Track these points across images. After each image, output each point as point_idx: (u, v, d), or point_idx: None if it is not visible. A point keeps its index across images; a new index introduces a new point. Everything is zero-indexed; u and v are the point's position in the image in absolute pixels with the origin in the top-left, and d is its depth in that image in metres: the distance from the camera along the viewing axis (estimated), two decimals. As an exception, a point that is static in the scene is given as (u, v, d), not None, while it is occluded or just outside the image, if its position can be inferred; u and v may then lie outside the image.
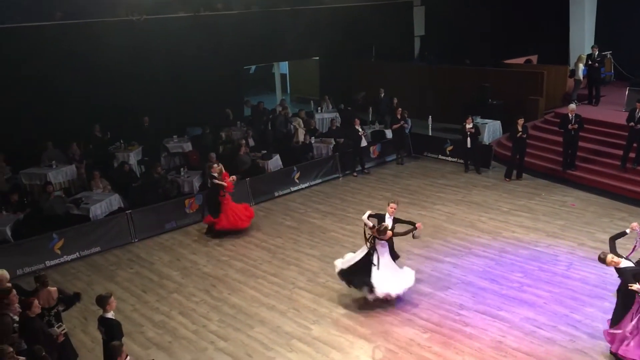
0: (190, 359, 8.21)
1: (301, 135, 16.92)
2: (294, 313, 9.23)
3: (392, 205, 9.53)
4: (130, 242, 12.28)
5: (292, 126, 17.69)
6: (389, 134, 17.70)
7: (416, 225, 9.20)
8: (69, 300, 7.94)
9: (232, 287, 10.23)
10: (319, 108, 20.33)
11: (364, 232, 9.32)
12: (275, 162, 15.59)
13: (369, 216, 9.30)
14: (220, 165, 12.41)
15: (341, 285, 9.98)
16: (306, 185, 15.43)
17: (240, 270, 10.84)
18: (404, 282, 9.22)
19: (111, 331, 6.66)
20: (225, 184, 12.14)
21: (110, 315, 6.90)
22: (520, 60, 20.56)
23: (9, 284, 7.79)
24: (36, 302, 6.96)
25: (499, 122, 17.92)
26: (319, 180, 15.70)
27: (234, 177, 12.55)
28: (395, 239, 9.62)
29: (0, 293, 7.26)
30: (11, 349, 6.07)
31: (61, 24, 15.45)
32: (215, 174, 12.20)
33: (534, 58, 21.03)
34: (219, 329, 8.87)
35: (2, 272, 7.96)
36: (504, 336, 8.27)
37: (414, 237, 9.21)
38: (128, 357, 6.32)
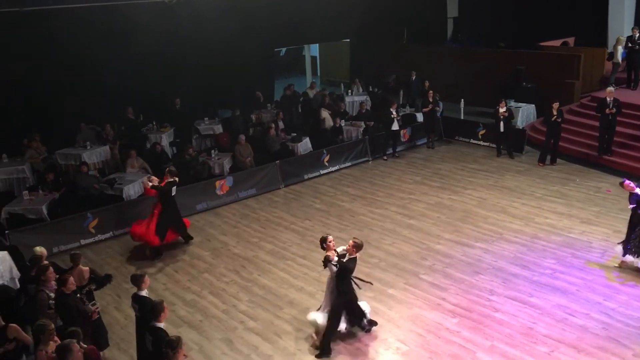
0: (220, 337, 8.33)
1: (329, 121, 16.78)
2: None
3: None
4: (162, 222, 12.46)
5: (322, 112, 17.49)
6: (420, 117, 17.52)
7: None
8: (101, 280, 8.15)
9: (262, 268, 10.32)
10: (349, 91, 20.22)
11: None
12: (305, 145, 15.60)
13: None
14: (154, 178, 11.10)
15: (369, 269, 10.00)
16: (336, 168, 15.41)
17: (269, 252, 10.92)
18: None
19: (145, 308, 6.80)
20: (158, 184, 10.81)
21: (144, 293, 7.04)
22: (557, 43, 20.05)
23: (46, 262, 8.03)
24: (71, 279, 7.14)
25: (533, 105, 17.58)
26: (349, 164, 15.66)
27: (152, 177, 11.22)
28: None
29: (38, 270, 7.48)
30: (52, 326, 6.23)
31: (96, 6, 15.59)
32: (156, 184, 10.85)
33: (571, 40, 20.48)
34: (249, 309, 8.97)
35: (41, 249, 8.21)
36: (534, 323, 8.18)
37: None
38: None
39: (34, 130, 14.43)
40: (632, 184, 9.34)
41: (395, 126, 15.94)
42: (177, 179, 11.06)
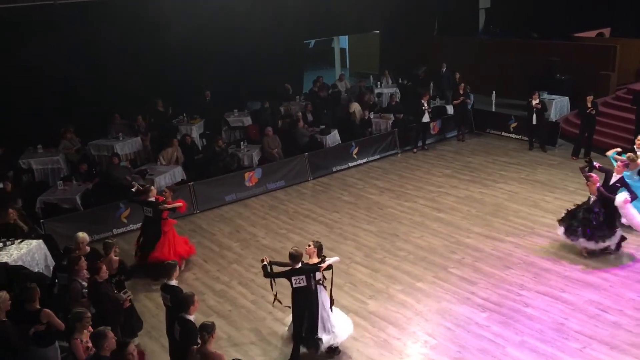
0: (249, 327, 8.41)
1: (359, 113, 16.67)
2: (351, 287, 9.28)
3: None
4: (192, 213, 12.60)
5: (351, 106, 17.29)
6: (450, 109, 17.32)
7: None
8: (129, 272, 8.29)
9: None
10: (379, 83, 20.09)
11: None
12: (333, 137, 15.57)
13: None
14: (154, 189, 10.39)
15: (398, 262, 9.97)
16: (364, 160, 15.35)
17: (298, 244, 10.88)
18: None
19: (175, 298, 6.89)
20: (179, 204, 10.19)
21: (173, 282, 7.14)
22: (592, 34, 19.60)
23: (88, 247, 8.23)
24: (104, 267, 7.28)
25: (566, 98, 17.23)
26: (377, 156, 15.59)
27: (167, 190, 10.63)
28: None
29: (71, 260, 7.64)
30: (89, 315, 6.37)
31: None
32: (152, 199, 10.06)
33: (607, 31, 19.99)
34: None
35: (83, 235, 8.38)
36: (566, 318, 8.05)
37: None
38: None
39: (68, 122, 14.70)
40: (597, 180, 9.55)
41: (425, 118, 15.79)
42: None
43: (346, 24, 20.82)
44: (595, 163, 10.02)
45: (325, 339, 7.36)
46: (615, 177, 9.75)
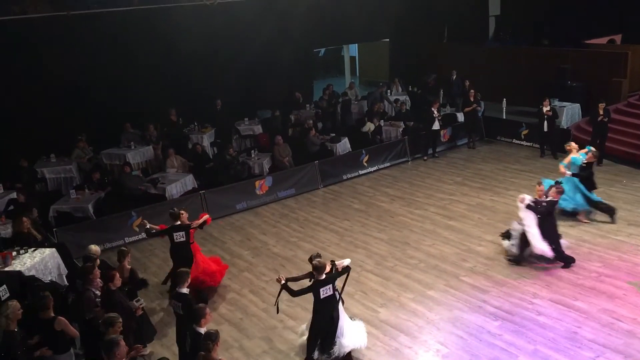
0: (260, 335, 8.42)
1: (371, 129, 16.57)
2: (362, 295, 9.26)
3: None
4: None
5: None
6: (460, 117, 17.30)
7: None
8: (139, 282, 8.33)
9: (301, 267, 10.33)
10: (389, 91, 20.12)
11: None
12: (343, 145, 15.60)
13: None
14: (185, 213, 9.56)
15: (409, 270, 9.95)
16: (375, 168, 15.36)
17: (308, 252, 10.89)
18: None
19: (187, 306, 6.91)
20: (204, 217, 9.73)
21: (184, 290, 7.17)
22: (603, 41, 19.53)
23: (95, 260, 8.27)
24: (117, 275, 7.33)
25: (578, 105, 17.14)
26: (388, 164, 15.59)
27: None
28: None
29: (85, 270, 7.70)
30: (120, 320, 6.42)
31: (138, 9, 15.96)
32: (179, 222, 9.31)
33: (618, 37, 19.92)
34: (288, 308, 9.01)
35: (95, 248, 8.44)
36: (579, 327, 7.98)
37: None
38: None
39: (80, 131, 14.84)
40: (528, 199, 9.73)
41: (436, 126, 15.79)
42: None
43: (356, 32, 20.92)
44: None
45: (343, 343, 7.38)
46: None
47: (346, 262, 7.56)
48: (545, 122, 14.95)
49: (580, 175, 11.23)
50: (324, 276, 7.25)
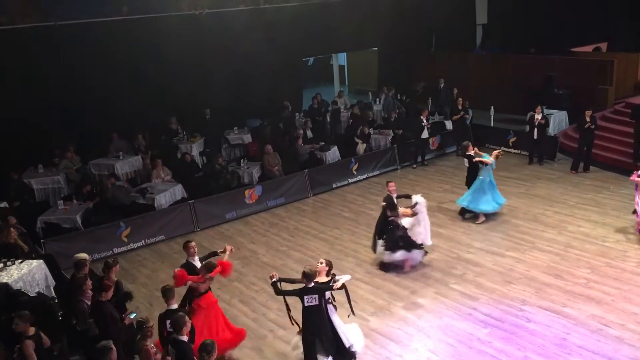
0: (250, 345, 8.37)
1: (361, 149, 16.29)
2: (352, 304, 9.22)
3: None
4: (192, 230, 12.62)
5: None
6: (449, 125, 17.39)
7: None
8: (124, 294, 8.22)
9: (291, 276, 10.31)
10: (377, 99, 20.20)
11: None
12: (333, 154, 15.62)
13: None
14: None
15: (399, 278, 9.95)
16: (364, 177, 15.39)
17: (298, 260, 10.94)
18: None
19: (177, 324, 6.77)
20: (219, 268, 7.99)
21: (174, 306, 7.09)
22: (589, 48, 19.75)
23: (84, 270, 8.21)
24: (112, 288, 7.28)
25: (565, 112, 17.29)
26: (377, 172, 15.63)
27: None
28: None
29: (77, 281, 7.64)
30: (151, 323, 6.56)
31: (128, 19, 15.93)
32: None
33: (603, 45, 20.15)
34: (278, 317, 8.99)
35: (84, 255, 8.37)
36: (568, 333, 8.02)
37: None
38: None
39: (68, 142, 14.75)
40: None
41: (425, 134, 15.87)
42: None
43: (344, 41, 21.00)
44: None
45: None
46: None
47: (345, 278, 7.45)
48: (536, 129, 15.05)
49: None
50: (312, 284, 7.21)
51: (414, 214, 10.23)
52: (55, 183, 13.81)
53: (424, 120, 15.78)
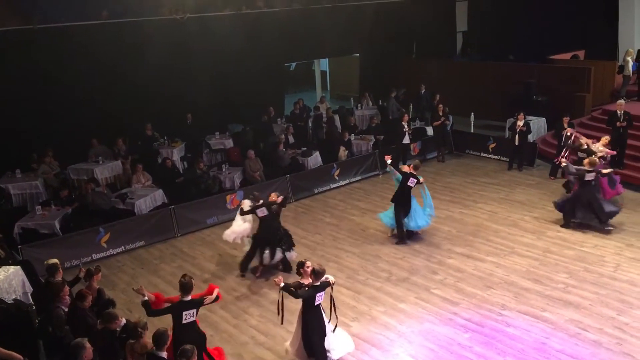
0: (231, 352, 8.31)
1: (343, 155, 16.38)
2: (337, 310, 9.22)
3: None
4: (173, 236, 12.51)
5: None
6: (430, 131, 17.52)
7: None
8: (105, 302, 8.13)
9: (272, 282, 10.29)
10: (359, 105, 20.28)
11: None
12: (315, 159, 15.63)
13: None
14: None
15: (381, 283, 9.98)
16: (346, 182, 15.42)
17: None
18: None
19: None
20: (215, 292, 7.58)
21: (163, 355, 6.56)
22: (567, 56, 20.05)
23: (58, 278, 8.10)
24: (90, 297, 7.19)
25: (543, 119, 17.55)
26: (359, 177, 15.67)
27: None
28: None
29: (54, 287, 7.54)
30: (146, 320, 6.75)
31: (108, 23, 15.82)
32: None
33: (581, 53, 20.46)
34: (259, 323, 8.96)
35: (55, 260, 8.27)
36: (547, 338, 8.10)
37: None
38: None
39: (46, 146, 14.57)
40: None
41: (406, 139, 15.95)
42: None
43: (326, 47, 21.07)
44: None
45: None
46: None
47: (330, 278, 7.57)
48: (517, 136, 15.21)
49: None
50: (319, 282, 7.30)
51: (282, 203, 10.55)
52: (33, 188, 13.63)
53: (405, 125, 15.87)
